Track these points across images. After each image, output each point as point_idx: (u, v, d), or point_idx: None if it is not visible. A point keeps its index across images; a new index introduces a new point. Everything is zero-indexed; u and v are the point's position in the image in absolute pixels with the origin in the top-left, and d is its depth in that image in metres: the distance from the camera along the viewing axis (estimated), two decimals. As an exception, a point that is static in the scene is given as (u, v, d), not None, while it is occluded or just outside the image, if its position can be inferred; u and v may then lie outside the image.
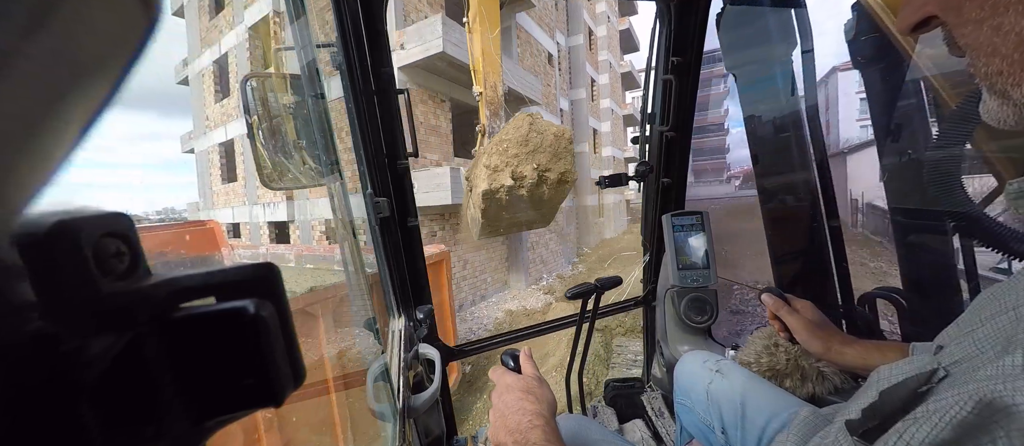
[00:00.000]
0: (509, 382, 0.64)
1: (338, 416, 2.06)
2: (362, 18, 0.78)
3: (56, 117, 0.10)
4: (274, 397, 0.17)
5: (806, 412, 0.62)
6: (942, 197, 0.90)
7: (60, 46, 0.10)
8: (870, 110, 1.08)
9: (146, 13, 0.12)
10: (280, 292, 0.18)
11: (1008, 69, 0.30)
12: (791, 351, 0.85)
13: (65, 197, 0.13)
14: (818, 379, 0.82)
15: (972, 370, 0.34)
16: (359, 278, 0.82)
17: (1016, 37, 0.28)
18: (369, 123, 0.84)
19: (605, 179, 1.29)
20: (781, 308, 0.85)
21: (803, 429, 0.59)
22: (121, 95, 0.12)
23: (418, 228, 1.00)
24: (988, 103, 0.34)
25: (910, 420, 0.33)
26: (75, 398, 0.13)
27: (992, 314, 0.37)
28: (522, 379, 0.65)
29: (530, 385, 0.63)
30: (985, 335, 0.36)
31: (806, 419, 0.60)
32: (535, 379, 0.65)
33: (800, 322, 0.81)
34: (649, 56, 1.22)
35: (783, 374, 0.84)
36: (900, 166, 1.03)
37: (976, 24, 0.31)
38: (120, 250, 0.15)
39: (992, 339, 0.34)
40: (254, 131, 0.89)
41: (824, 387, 0.81)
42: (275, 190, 0.96)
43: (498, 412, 0.62)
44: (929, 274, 1.06)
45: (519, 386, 0.63)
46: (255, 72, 0.89)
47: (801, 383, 0.82)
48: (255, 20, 8.71)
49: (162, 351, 0.15)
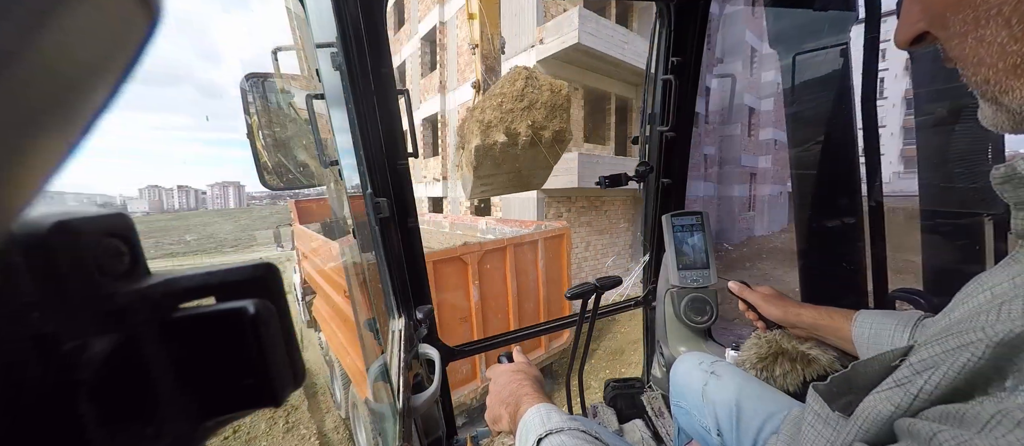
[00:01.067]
0: (501, 369, 0.74)
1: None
2: (362, 18, 0.78)
3: (56, 117, 0.10)
4: (274, 397, 0.17)
5: (796, 411, 0.64)
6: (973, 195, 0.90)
7: (60, 46, 0.10)
8: (915, 106, 1.07)
9: (146, 13, 0.12)
10: (280, 292, 0.18)
11: (995, 77, 0.31)
12: (772, 338, 0.89)
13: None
14: (804, 362, 0.82)
15: (941, 340, 0.35)
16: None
17: (998, 47, 0.30)
18: (369, 123, 0.84)
19: (605, 179, 1.29)
20: (744, 290, 0.95)
21: (792, 428, 0.61)
22: (121, 95, 0.12)
23: (418, 228, 1.00)
24: (984, 110, 0.35)
25: (909, 370, 0.35)
26: (75, 398, 0.13)
27: (970, 294, 0.39)
28: (512, 365, 0.75)
29: (519, 367, 0.73)
30: (959, 316, 0.37)
31: (796, 418, 0.62)
32: (523, 363, 0.76)
33: (759, 296, 0.92)
34: (649, 56, 1.22)
35: (771, 360, 0.85)
36: (933, 165, 1.03)
37: (961, 37, 0.32)
38: (120, 250, 0.15)
39: (967, 317, 0.35)
40: (254, 131, 0.89)
41: (812, 370, 0.81)
42: (273, 190, 0.96)
43: (492, 394, 0.70)
44: (953, 276, 1.06)
45: (509, 368, 0.73)
46: (254, 72, 0.89)
47: (791, 367, 0.83)
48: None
49: (162, 351, 0.15)
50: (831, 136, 1.18)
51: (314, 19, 0.78)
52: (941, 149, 1.04)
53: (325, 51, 0.78)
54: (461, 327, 3.28)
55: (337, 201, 1.00)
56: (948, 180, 1.02)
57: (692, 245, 1.17)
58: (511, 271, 3.53)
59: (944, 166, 1.04)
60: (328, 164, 0.92)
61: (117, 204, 38.84)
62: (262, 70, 0.94)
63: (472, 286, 3.26)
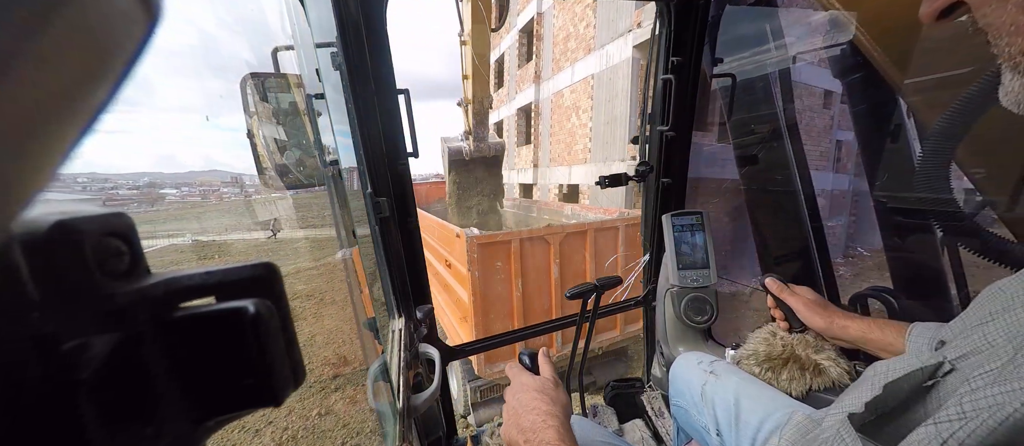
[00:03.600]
0: (525, 381, 0.64)
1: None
2: (362, 18, 0.78)
3: (56, 117, 0.10)
4: (274, 397, 0.17)
5: (800, 416, 0.62)
6: (929, 197, 0.89)
7: (60, 46, 0.10)
8: (854, 122, 1.09)
9: (146, 13, 0.12)
10: (280, 292, 0.18)
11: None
12: (788, 339, 0.85)
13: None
14: (815, 372, 0.79)
15: (982, 364, 0.33)
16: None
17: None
18: (369, 123, 0.84)
19: (605, 179, 1.29)
20: (783, 291, 0.87)
21: (796, 433, 0.59)
22: (121, 95, 0.12)
23: (418, 228, 1.00)
24: (1010, 85, 0.33)
25: (952, 421, 0.31)
26: (75, 398, 0.13)
27: (1004, 308, 0.37)
28: (538, 380, 0.64)
29: (545, 386, 0.62)
30: (997, 330, 0.36)
31: (800, 423, 0.60)
32: (551, 381, 0.64)
33: (801, 301, 0.83)
34: (649, 56, 1.22)
35: (780, 363, 0.82)
36: (888, 169, 1.03)
37: (1000, 2, 0.30)
38: (120, 250, 0.15)
39: (1006, 334, 0.34)
40: (254, 131, 0.89)
41: (821, 381, 0.79)
42: (273, 190, 0.96)
43: (511, 410, 0.61)
44: (918, 273, 1.05)
45: (534, 386, 0.62)
46: (255, 72, 0.89)
47: (799, 375, 0.80)
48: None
49: (162, 351, 0.15)
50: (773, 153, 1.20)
51: (314, 19, 0.78)
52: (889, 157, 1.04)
53: (325, 51, 0.78)
54: (541, 299, 3.52)
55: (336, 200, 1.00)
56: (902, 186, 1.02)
57: (692, 245, 1.17)
58: (590, 253, 3.67)
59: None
60: (328, 164, 0.92)
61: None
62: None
63: (553, 265, 3.45)
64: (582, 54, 8.44)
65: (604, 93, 7.85)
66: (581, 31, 8.46)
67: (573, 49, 8.78)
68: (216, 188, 21.48)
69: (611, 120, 7.67)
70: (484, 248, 3.15)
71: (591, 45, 8.12)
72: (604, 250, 3.74)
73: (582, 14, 8.40)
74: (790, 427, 0.62)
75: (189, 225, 14.61)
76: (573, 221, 4.74)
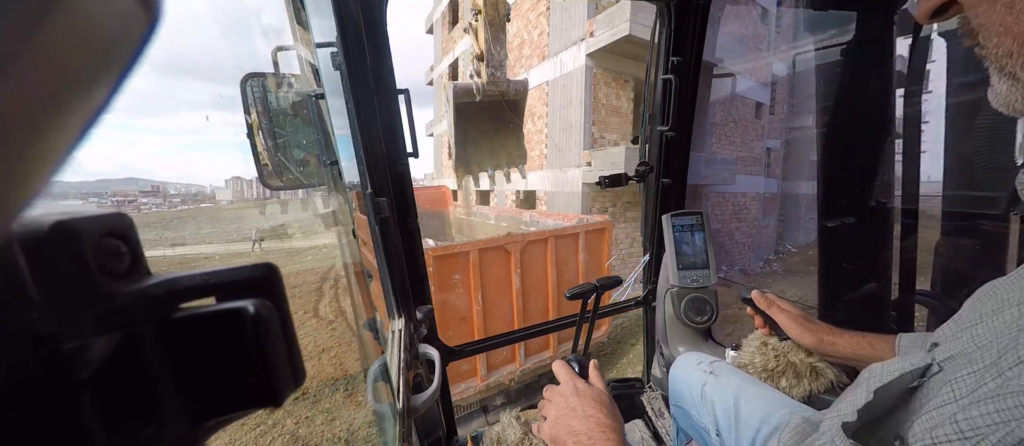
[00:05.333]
0: (582, 387, 0.62)
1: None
2: (362, 18, 0.78)
3: (56, 117, 0.10)
4: (274, 397, 0.17)
5: (798, 420, 0.62)
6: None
7: (60, 46, 0.10)
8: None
9: (146, 13, 0.12)
10: (280, 292, 0.18)
11: (1019, 49, 0.29)
12: (779, 348, 0.86)
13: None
14: (812, 376, 0.80)
15: (966, 365, 0.33)
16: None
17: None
18: (369, 123, 0.84)
19: (605, 179, 1.29)
20: (772, 305, 0.87)
21: (794, 436, 0.59)
22: (121, 95, 0.12)
23: (418, 228, 1.00)
24: (998, 89, 0.33)
25: (950, 441, 0.30)
26: (75, 398, 0.13)
27: (994, 310, 0.37)
28: (595, 390, 0.62)
29: (602, 397, 0.60)
30: (985, 332, 0.36)
31: (798, 426, 0.60)
32: (607, 395, 0.62)
33: (789, 317, 0.83)
34: (649, 56, 1.22)
35: (777, 373, 0.83)
36: (957, 166, 0.99)
37: (990, 2, 0.30)
38: (120, 250, 0.15)
39: (994, 335, 0.33)
40: (254, 131, 0.89)
41: (819, 384, 0.80)
42: (273, 190, 0.96)
43: (563, 408, 0.59)
44: (970, 280, 1.03)
45: (591, 394, 0.60)
46: (254, 72, 0.89)
47: (797, 381, 0.81)
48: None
49: (162, 351, 0.15)
50: (864, 133, 1.12)
51: (314, 19, 0.77)
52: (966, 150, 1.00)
53: (325, 51, 0.78)
54: (502, 312, 3.42)
55: (336, 199, 1.00)
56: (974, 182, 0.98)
57: (692, 245, 1.17)
58: (552, 262, 3.62)
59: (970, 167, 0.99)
60: (328, 164, 0.92)
61: (208, 192, 39.40)
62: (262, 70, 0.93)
63: (514, 275, 3.38)
64: (537, 61, 8.45)
65: (559, 99, 7.92)
66: (535, 38, 8.47)
67: (528, 56, 8.77)
68: (133, 199, 21.13)
69: (566, 127, 7.74)
70: (440, 261, 2.95)
71: (545, 52, 8.16)
72: (566, 258, 3.69)
73: (536, 22, 8.40)
74: (788, 430, 0.62)
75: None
76: (533, 228, 4.69)
